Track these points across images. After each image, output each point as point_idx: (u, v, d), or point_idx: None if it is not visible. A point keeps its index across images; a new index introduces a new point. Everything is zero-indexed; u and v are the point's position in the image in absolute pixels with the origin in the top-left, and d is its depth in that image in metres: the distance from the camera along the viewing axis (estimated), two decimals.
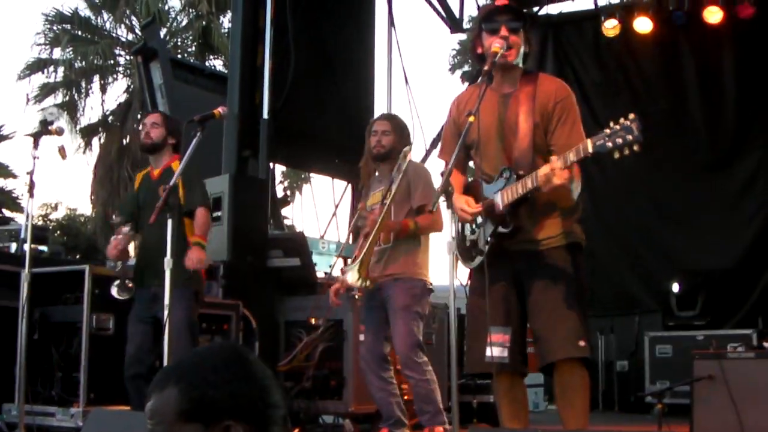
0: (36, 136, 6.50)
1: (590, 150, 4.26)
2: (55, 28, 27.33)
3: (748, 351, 8.03)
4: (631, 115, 4.20)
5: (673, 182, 11.69)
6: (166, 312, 5.39)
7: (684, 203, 11.74)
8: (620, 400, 10.46)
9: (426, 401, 6.21)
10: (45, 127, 6.59)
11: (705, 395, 7.56)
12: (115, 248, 6.26)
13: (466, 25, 13.67)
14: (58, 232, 33.27)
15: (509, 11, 4.84)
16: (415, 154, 6.51)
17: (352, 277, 5.75)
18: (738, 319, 10.39)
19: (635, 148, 4.17)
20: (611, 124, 4.23)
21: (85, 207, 35.28)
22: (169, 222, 5.46)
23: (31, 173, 6.41)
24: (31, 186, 6.42)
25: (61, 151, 6.92)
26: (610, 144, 4.19)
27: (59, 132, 6.65)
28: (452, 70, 32.99)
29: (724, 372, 7.47)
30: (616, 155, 4.21)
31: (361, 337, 6.65)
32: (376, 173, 6.61)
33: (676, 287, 11.00)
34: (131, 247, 6.69)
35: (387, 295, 6.28)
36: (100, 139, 28.09)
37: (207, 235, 6.47)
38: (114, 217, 6.63)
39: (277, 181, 36.91)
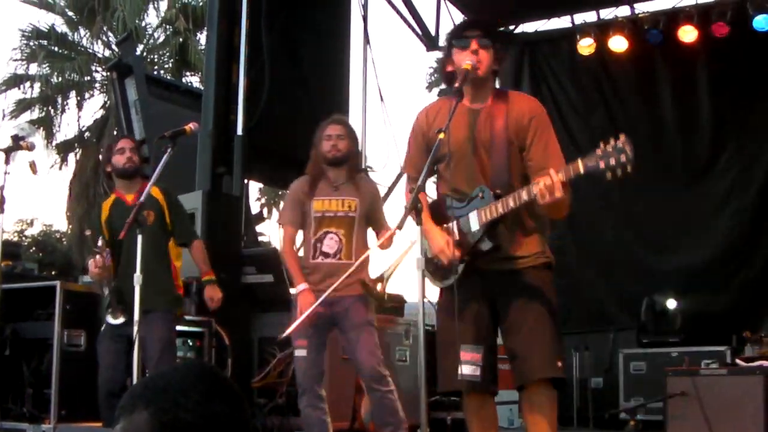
0: (7, 152, 6.49)
1: (581, 170, 4.24)
2: (31, 43, 27.23)
3: (720, 368, 8.08)
4: (622, 137, 4.15)
5: (648, 200, 11.73)
6: (135, 329, 5.37)
7: (659, 220, 11.78)
8: (595, 417, 10.43)
9: (391, 413, 6.11)
10: (16, 143, 6.56)
11: (678, 412, 7.60)
12: (96, 267, 6.27)
13: (442, 43, 13.67)
14: (34, 248, 33.15)
15: (480, 27, 4.81)
16: (391, 171, 6.49)
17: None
18: (712, 336, 10.39)
19: (628, 169, 4.13)
20: (601, 145, 4.18)
21: (61, 223, 35.13)
22: (139, 238, 5.47)
23: (1, 188, 6.40)
24: (1, 201, 6.40)
25: (32, 166, 6.90)
26: (602, 165, 4.16)
27: (30, 147, 6.64)
28: (429, 88, 33.07)
29: (697, 389, 7.51)
30: (608, 176, 4.16)
31: (298, 353, 6.24)
32: (326, 178, 6.38)
33: (672, 303, 10.98)
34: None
35: (343, 310, 6.13)
36: (76, 155, 28.00)
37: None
38: (88, 233, 6.63)
39: (254, 197, 36.92)
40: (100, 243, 6.20)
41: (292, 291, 6.36)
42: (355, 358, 6.16)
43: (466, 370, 4.60)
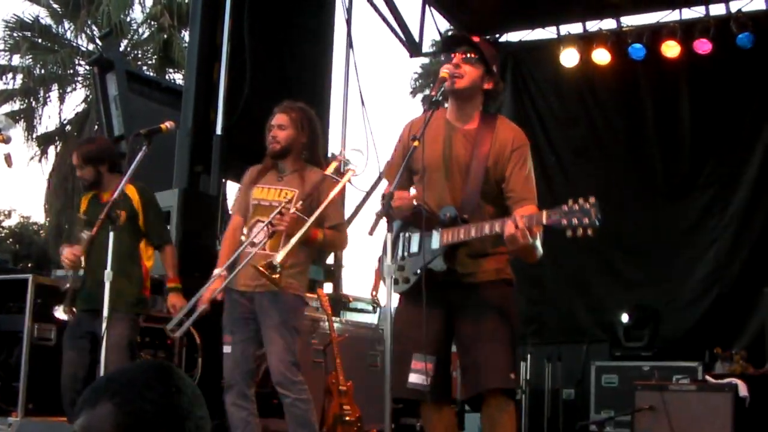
0: None
1: (544, 222, 4.25)
2: (15, 34, 27.18)
3: (690, 383, 8.10)
4: (591, 199, 4.13)
5: (626, 213, 11.73)
6: (104, 325, 5.35)
7: (637, 235, 11.79)
8: (565, 428, 10.47)
9: (301, 424, 5.79)
10: None
11: (646, 426, 7.63)
12: (71, 256, 6.28)
13: (426, 49, 13.68)
14: (11, 239, 33.05)
15: (466, 42, 4.81)
16: (369, 175, 6.33)
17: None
18: (685, 351, 10.43)
19: (589, 232, 4.12)
20: (570, 202, 4.17)
21: (38, 215, 35.04)
22: (111, 235, 5.45)
23: None
24: None
25: (7, 158, 6.85)
26: (564, 222, 4.15)
27: (6, 140, 6.60)
28: (413, 93, 33.10)
29: (666, 403, 7.54)
30: (569, 233, 4.16)
31: (224, 349, 5.97)
32: (275, 169, 6.17)
33: (625, 318, 11.00)
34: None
35: (260, 308, 5.84)
36: (56, 148, 27.98)
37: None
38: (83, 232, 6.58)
39: (234, 196, 36.83)
40: (85, 235, 6.22)
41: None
42: (268, 360, 5.86)
43: (415, 378, 4.60)
